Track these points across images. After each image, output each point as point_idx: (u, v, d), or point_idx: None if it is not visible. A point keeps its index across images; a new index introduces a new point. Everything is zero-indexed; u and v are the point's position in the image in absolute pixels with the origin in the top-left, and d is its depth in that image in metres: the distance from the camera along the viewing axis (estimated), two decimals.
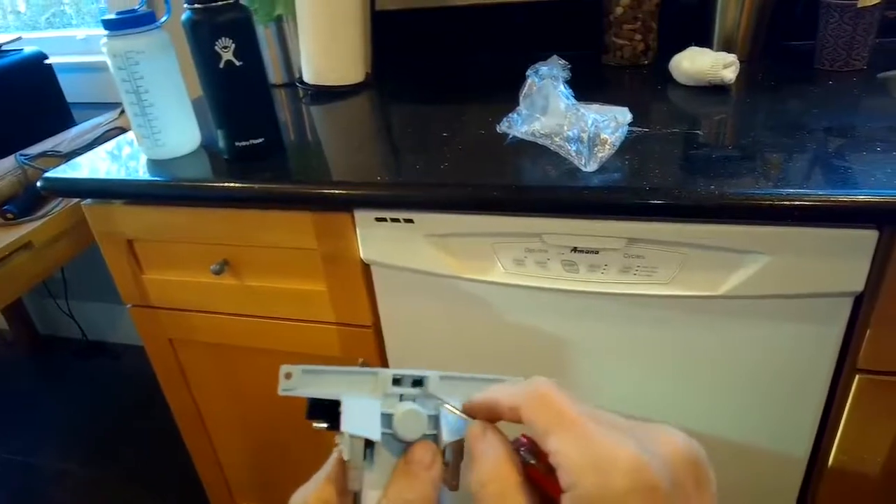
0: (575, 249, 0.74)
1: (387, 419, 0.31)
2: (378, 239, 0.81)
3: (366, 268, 0.85)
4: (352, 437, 0.29)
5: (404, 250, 0.80)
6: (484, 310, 0.82)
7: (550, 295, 0.78)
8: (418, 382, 0.32)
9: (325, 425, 0.31)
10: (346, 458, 0.29)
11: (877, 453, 0.77)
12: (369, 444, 0.30)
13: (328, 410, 0.31)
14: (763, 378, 0.77)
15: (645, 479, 0.23)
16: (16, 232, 1.14)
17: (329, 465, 0.31)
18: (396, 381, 0.32)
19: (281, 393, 0.30)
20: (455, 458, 0.31)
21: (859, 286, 0.67)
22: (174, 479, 1.52)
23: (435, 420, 0.31)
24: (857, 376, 0.72)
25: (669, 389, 0.82)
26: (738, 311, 0.73)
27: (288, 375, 0.31)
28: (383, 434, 0.30)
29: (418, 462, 0.30)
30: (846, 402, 0.74)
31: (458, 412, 0.31)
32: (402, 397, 0.32)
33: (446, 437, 0.31)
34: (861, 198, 0.61)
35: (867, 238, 0.64)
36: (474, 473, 0.28)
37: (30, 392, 1.94)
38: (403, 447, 0.31)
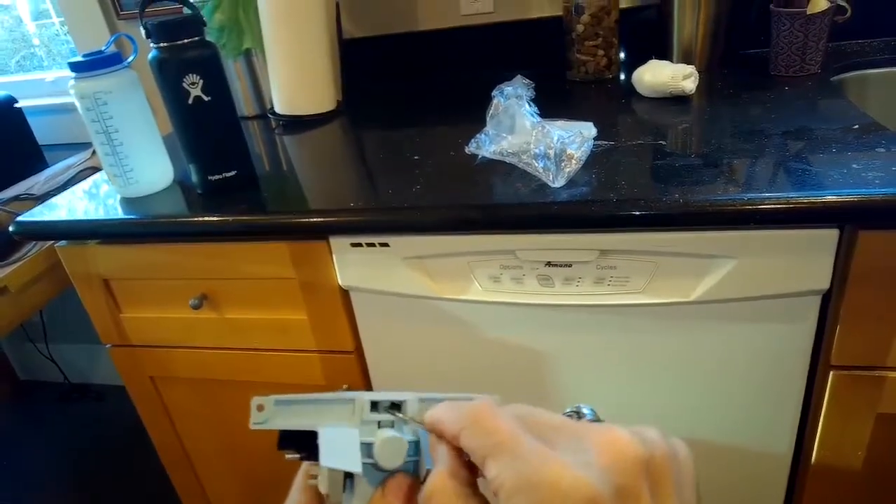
0: (549, 264, 0.75)
1: (366, 448, 0.29)
2: (355, 264, 0.81)
3: (344, 294, 0.85)
4: (331, 470, 0.28)
5: (382, 274, 0.81)
6: (464, 328, 0.83)
7: (527, 310, 0.79)
8: (396, 406, 0.31)
9: (297, 456, 0.30)
10: (323, 490, 0.28)
11: (857, 447, 0.78)
12: (348, 474, 0.29)
13: (301, 439, 0.30)
14: (740, 379, 0.78)
15: (581, 494, 0.22)
16: None
17: (298, 495, 0.30)
18: (374, 406, 0.31)
19: (252, 426, 0.29)
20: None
21: (825, 284, 0.69)
22: None
23: (416, 445, 0.30)
24: (831, 373, 0.74)
25: (649, 396, 0.83)
26: (711, 315, 0.74)
27: (260, 408, 0.29)
28: (363, 464, 0.29)
29: (396, 494, 0.29)
30: (823, 398, 0.76)
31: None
32: (380, 424, 0.31)
33: (428, 462, 0.30)
34: (821, 199, 0.63)
35: (829, 237, 0.66)
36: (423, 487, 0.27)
37: (13, 439, 1.90)
38: (383, 476, 0.30)
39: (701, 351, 0.77)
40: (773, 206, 0.64)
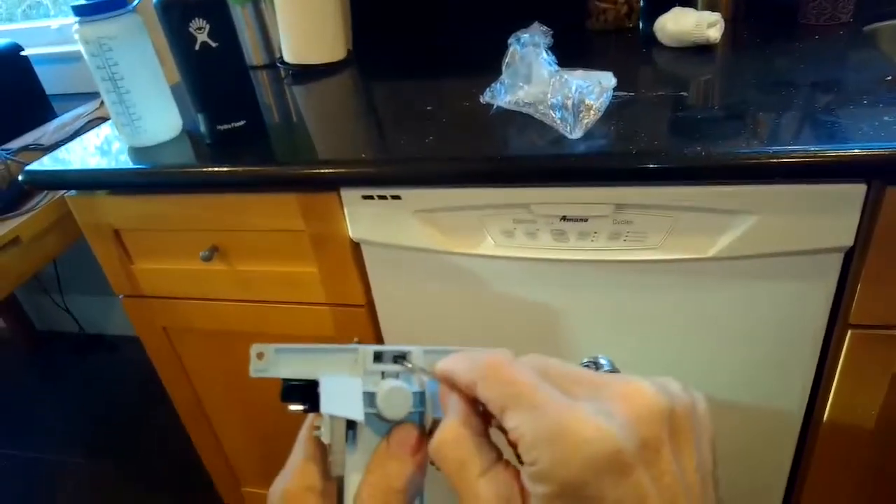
0: (564, 218, 0.73)
1: (369, 398, 0.29)
2: (366, 217, 0.80)
3: (356, 247, 0.85)
4: (332, 418, 0.27)
5: (393, 227, 0.79)
6: (476, 283, 0.82)
7: (541, 265, 0.78)
8: (401, 358, 0.30)
9: (301, 408, 0.30)
10: (326, 441, 0.28)
11: (870, 406, 0.78)
12: (351, 425, 0.28)
13: (305, 392, 0.29)
14: (756, 337, 0.77)
15: (605, 446, 0.22)
16: (2, 228, 1.13)
17: (304, 448, 0.30)
18: (377, 358, 0.30)
19: (252, 374, 0.29)
20: None
21: (849, 241, 0.67)
22: (179, 469, 1.53)
23: (420, 396, 0.29)
24: (849, 331, 0.72)
25: (664, 353, 0.82)
26: (729, 273, 0.73)
27: (260, 356, 0.29)
28: (366, 414, 0.28)
29: (402, 444, 0.28)
30: (839, 357, 0.75)
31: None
32: (384, 374, 0.30)
33: (434, 413, 0.29)
34: (849, 152, 0.61)
35: (856, 192, 0.64)
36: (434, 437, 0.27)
37: (30, 389, 1.95)
38: (388, 427, 0.29)
39: (717, 308, 0.76)
40: (797, 160, 0.62)
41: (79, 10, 0.79)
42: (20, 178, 0.89)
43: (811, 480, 0.86)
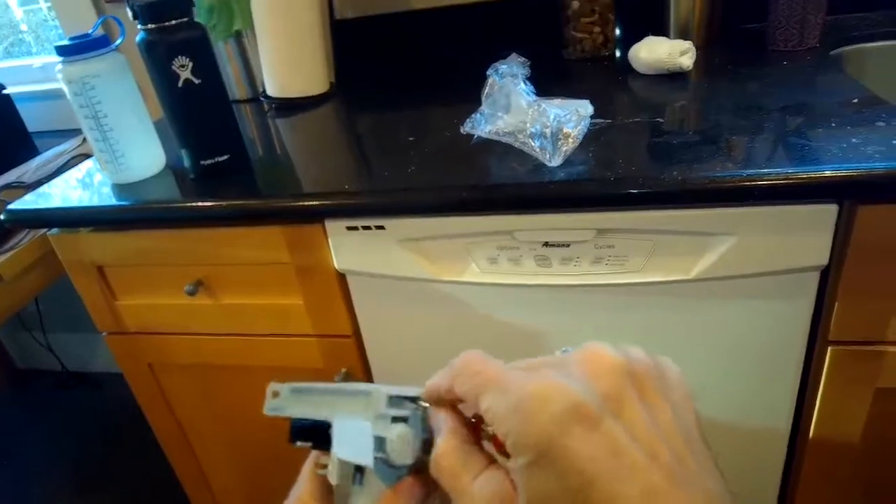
0: (546, 244, 0.74)
1: (379, 442, 0.29)
2: (351, 248, 0.80)
3: (341, 277, 0.85)
4: (342, 461, 0.28)
5: (378, 257, 0.80)
6: (462, 310, 0.83)
7: (526, 291, 0.78)
8: (413, 400, 0.31)
9: (309, 444, 0.30)
10: (334, 482, 0.28)
11: (855, 422, 0.78)
12: (358, 467, 0.29)
13: (313, 431, 0.30)
14: (739, 356, 0.78)
15: (564, 398, 0.23)
16: None
17: (307, 485, 0.30)
18: (390, 402, 0.31)
19: (268, 412, 0.29)
20: None
21: (824, 260, 0.68)
22: None
23: (428, 443, 0.30)
24: (829, 348, 0.74)
25: None
26: (711, 293, 0.74)
27: (275, 394, 0.29)
28: (374, 458, 0.29)
29: (409, 497, 0.29)
30: (821, 374, 0.76)
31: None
32: (394, 419, 0.30)
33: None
34: (820, 173, 0.63)
35: (828, 212, 0.65)
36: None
37: (11, 427, 1.90)
38: (392, 471, 0.29)
39: (700, 328, 0.77)
40: (771, 182, 0.63)
41: (62, 51, 0.80)
42: (2, 216, 0.89)
43: (801, 496, 0.87)
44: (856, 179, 0.62)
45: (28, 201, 0.89)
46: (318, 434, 0.29)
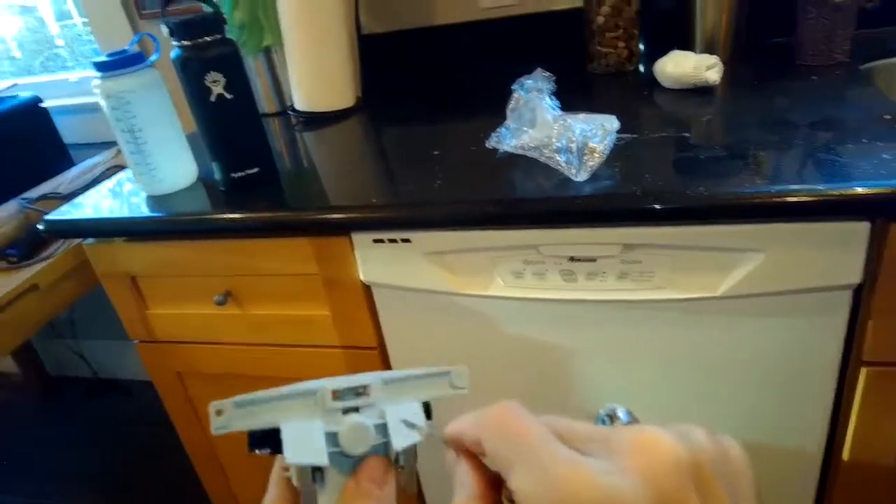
0: (572, 259, 0.74)
1: (332, 437, 0.29)
2: (377, 260, 0.81)
3: (367, 290, 0.86)
4: (298, 466, 0.28)
5: (403, 270, 0.81)
6: (486, 324, 0.83)
7: (551, 305, 0.78)
8: (360, 391, 0.30)
9: (268, 451, 0.30)
10: (296, 484, 0.29)
11: (890, 444, 0.77)
12: (317, 467, 0.28)
13: (270, 437, 0.29)
14: (769, 376, 0.77)
15: None
16: (21, 275, 1.15)
17: (275, 490, 0.30)
18: (336, 395, 0.30)
19: (214, 432, 0.28)
20: (409, 462, 0.30)
21: (857, 278, 0.67)
22: None
23: (383, 428, 0.29)
24: (863, 369, 0.72)
25: (675, 394, 0.82)
26: (739, 311, 0.73)
27: (219, 412, 0.28)
28: (331, 453, 0.28)
29: (370, 480, 0.28)
30: (855, 395, 0.74)
31: (409, 421, 0.30)
32: (344, 410, 0.30)
33: (397, 444, 0.29)
34: (851, 190, 0.62)
35: (860, 230, 0.65)
36: None
37: (43, 434, 1.94)
38: (353, 463, 0.29)
39: (728, 347, 0.76)
40: (801, 199, 0.63)
41: (100, 66, 0.82)
42: (39, 226, 0.92)
43: None
44: (888, 197, 0.61)
45: (64, 212, 0.92)
46: (274, 440, 0.29)
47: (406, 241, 0.78)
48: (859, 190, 0.62)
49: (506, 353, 0.85)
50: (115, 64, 0.82)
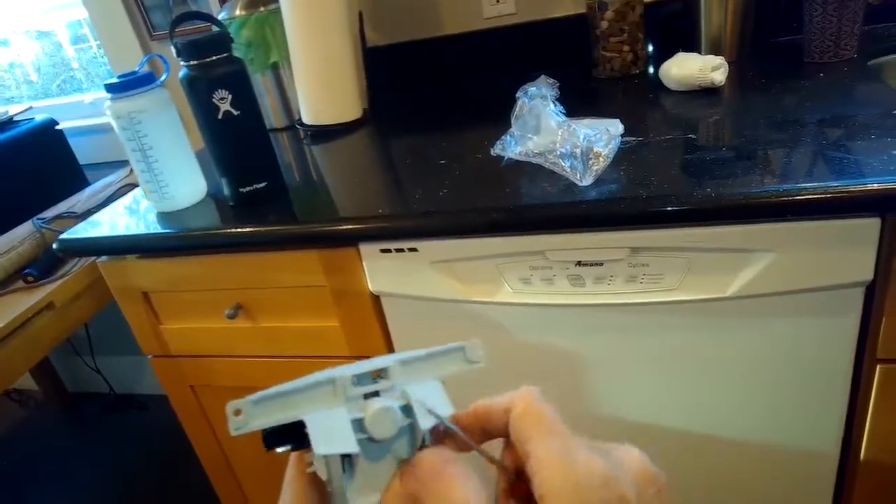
0: (579, 263, 0.74)
1: (357, 423, 0.28)
2: (385, 270, 0.82)
3: (375, 299, 0.86)
4: (328, 457, 0.27)
5: (411, 279, 0.81)
6: (495, 330, 0.83)
7: (559, 311, 0.78)
8: (379, 375, 0.30)
9: (289, 447, 0.29)
10: (325, 477, 0.28)
11: None
12: (346, 456, 0.28)
13: (286, 432, 0.29)
14: (782, 376, 0.76)
15: (616, 492, 0.24)
16: (37, 294, 1.17)
17: (294, 491, 0.30)
18: (355, 381, 0.30)
19: (234, 433, 0.28)
20: (434, 443, 0.30)
21: (868, 275, 0.66)
22: None
23: (407, 409, 0.29)
24: (878, 367, 0.71)
25: (687, 396, 0.81)
26: (750, 311, 0.72)
27: (237, 412, 0.28)
28: (358, 440, 0.28)
29: (410, 476, 0.28)
30: (870, 393, 0.73)
31: (434, 413, 0.29)
32: (365, 395, 0.30)
33: (423, 424, 0.29)
34: (861, 187, 0.61)
35: (870, 227, 0.64)
36: None
37: (64, 450, 1.97)
38: (381, 449, 0.29)
39: (740, 348, 0.75)
40: (810, 197, 0.62)
41: (111, 88, 0.84)
42: (55, 246, 0.93)
43: None
44: None
45: (78, 230, 0.94)
46: (294, 434, 0.28)
47: (413, 250, 0.79)
48: (870, 186, 0.61)
49: (515, 359, 0.84)
50: (125, 85, 0.84)
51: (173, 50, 0.81)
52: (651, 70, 1.10)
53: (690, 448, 0.84)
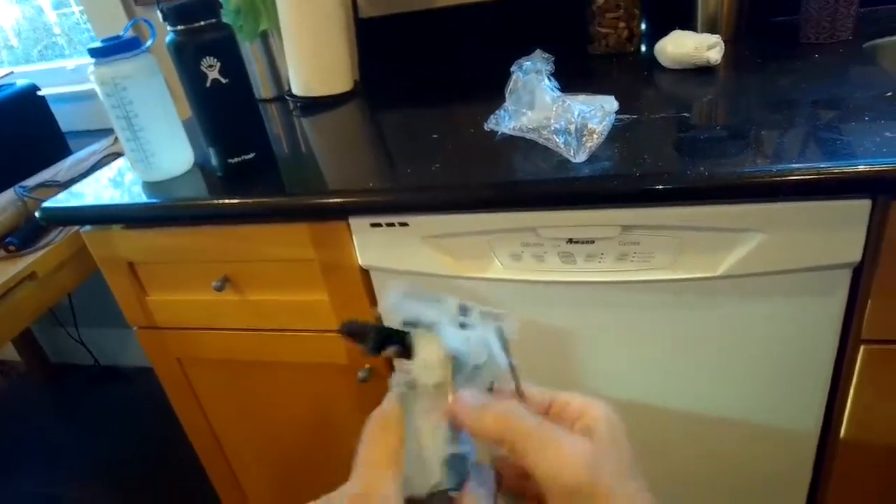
0: (570, 241, 0.74)
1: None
2: (375, 245, 0.81)
3: (365, 274, 0.85)
4: (447, 354, 0.31)
5: (401, 254, 0.80)
6: (485, 306, 0.82)
7: (550, 287, 0.78)
8: (467, 310, 0.34)
9: (395, 348, 0.32)
10: (434, 380, 0.31)
11: (887, 423, 0.77)
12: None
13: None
14: (768, 355, 0.77)
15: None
16: (19, 263, 1.15)
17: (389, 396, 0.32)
18: (461, 311, 0.33)
19: (387, 311, 0.31)
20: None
21: (856, 257, 0.67)
22: (194, 499, 1.53)
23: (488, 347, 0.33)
24: (861, 347, 0.72)
25: (676, 373, 0.82)
26: (739, 291, 0.73)
27: (387, 297, 0.32)
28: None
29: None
30: (853, 373, 0.74)
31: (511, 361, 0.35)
32: (462, 325, 0.33)
33: (500, 361, 0.34)
34: (853, 168, 0.61)
35: (860, 208, 0.64)
36: None
37: (46, 422, 1.96)
38: (469, 373, 0.32)
39: (728, 326, 0.76)
40: (802, 178, 0.62)
41: (95, 53, 0.81)
42: (37, 214, 0.92)
43: (831, 498, 0.85)
44: (890, 174, 0.60)
45: (62, 199, 0.92)
46: (398, 341, 0.32)
47: (404, 224, 0.78)
48: (861, 168, 0.61)
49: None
50: (110, 50, 0.82)
51: (159, 14, 0.79)
52: (646, 47, 1.09)
53: (674, 423, 0.86)
